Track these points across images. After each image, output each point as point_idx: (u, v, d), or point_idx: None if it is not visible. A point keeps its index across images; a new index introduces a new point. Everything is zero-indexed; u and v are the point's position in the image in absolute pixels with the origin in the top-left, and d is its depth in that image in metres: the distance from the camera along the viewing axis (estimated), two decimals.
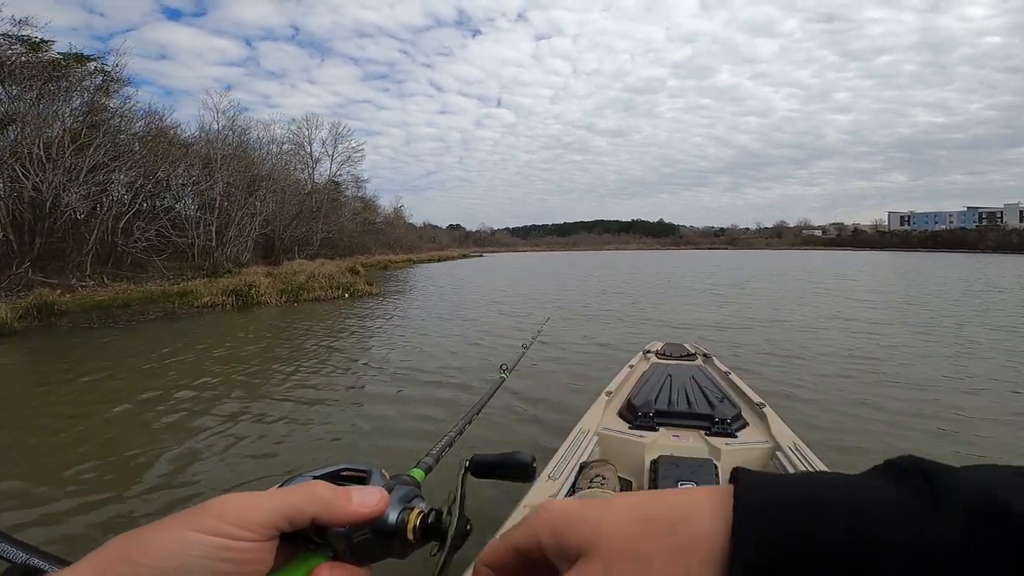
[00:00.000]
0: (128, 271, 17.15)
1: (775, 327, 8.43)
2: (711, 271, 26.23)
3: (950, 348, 6.67)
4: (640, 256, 62.89)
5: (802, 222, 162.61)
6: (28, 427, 4.16)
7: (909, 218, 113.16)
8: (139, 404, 4.73)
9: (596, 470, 1.82)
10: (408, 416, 4.31)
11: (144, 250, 17.69)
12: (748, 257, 52.55)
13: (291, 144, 34.42)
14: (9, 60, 13.22)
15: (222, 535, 0.27)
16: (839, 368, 5.70)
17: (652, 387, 2.72)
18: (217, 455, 3.60)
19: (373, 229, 46.53)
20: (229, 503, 0.28)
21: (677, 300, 12.60)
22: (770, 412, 2.45)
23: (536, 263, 41.05)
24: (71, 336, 8.30)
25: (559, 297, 13.54)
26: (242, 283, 11.79)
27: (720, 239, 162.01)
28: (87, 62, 15.46)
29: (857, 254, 62.38)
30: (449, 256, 58.67)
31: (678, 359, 3.54)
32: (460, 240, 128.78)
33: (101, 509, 2.88)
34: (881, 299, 12.46)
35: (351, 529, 0.31)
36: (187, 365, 6.18)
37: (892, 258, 46.94)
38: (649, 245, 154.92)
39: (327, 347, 7.11)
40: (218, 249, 22.61)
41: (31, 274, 12.64)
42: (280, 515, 0.29)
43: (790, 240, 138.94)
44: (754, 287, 16.03)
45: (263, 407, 4.59)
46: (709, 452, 2.07)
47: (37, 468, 3.40)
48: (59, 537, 2.60)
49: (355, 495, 0.32)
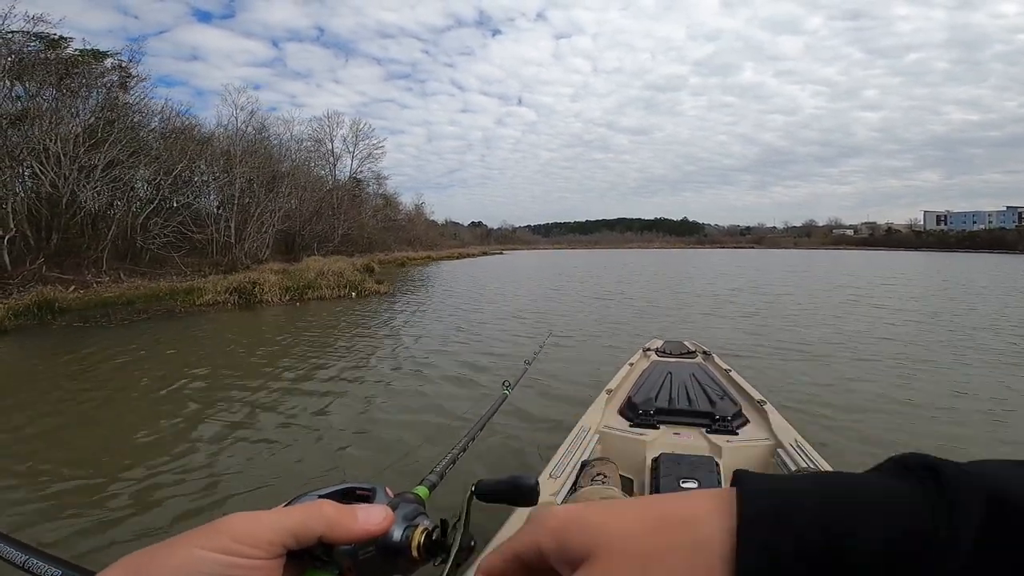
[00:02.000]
0: (146, 267, 17.20)
1: (813, 358, 6.25)
2: (734, 272, 25.24)
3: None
4: (663, 256, 61.59)
5: (832, 221, 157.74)
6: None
7: (946, 217, 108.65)
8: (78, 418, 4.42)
9: (597, 468, 1.80)
10: (400, 430, 3.86)
11: (163, 246, 17.73)
12: (775, 257, 50.83)
13: (312, 141, 34.42)
14: (27, 57, 13.27)
15: (230, 552, 0.28)
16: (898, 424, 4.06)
17: (652, 385, 2.70)
18: (184, 477, 3.20)
19: (394, 226, 46.55)
20: (237, 521, 0.29)
21: (698, 309, 11.90)
22: (771, 409, 2.42)
23: (552, 263, 40.30)
24: (59, 336, 8.01)
25: (566, 309, 12.94)
26: (246, 281, 11.46)
27: (746, 238, 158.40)
28: (104, 58, 15.50)
29: (893, 254, 59.90)
30: (469, 253, 58.27)
31: (678, 357, 3.52)
32: (482, 238, 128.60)
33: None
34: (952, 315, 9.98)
35: (357, 547, 0.32)
36: (149, 374, 5.75)
37: (932, 259, 44.56)
38: (673, 244, 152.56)
39: (319, 352, 6.70)
40: (237, 245, 22.68)
41: (44, 270, 12.63)
42: (287, 533, 0.30)
43: (820, 239, 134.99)
44: (783, 296, 15.15)
45: (233, 422, 4.19)
46: (710, 450, 2.04)
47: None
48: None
49: (360, 513, 0.33)
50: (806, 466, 1.88)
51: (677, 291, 15.29)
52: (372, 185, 43.63)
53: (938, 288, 16.17)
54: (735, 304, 11.85)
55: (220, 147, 22.26)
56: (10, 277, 11.74)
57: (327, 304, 11.32)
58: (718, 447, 2.04)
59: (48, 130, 13.31)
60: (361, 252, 32.81)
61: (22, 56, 13.14)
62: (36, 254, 13.18)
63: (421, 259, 38.83)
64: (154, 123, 18.62)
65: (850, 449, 3.49)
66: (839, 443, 3.56)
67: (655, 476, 1.81)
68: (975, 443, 3.67)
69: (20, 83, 13.44)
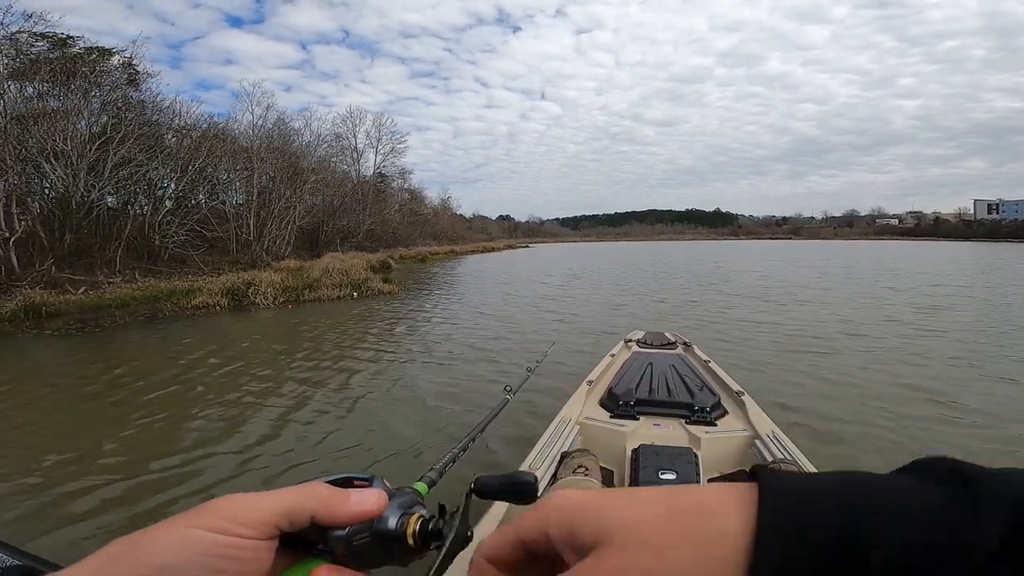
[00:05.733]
0: (164, 266, 17.16)
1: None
2: (768, 271, 23.71)
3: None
4: (695, 248, 59.47)
5: (875, 210, 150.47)
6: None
7: (998, 206, 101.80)
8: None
9: (578, 459, 1.82)
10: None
11: (181, 245, 17.63)
12: (816, 249, 48.23)
13: (334, 136, 34.31)
14: (32, 56, 13.17)
15: (221, 531, 0.27)
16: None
17: (633, 376, 2.72)
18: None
19: (419, 220, 46.33)
20: (228, 502, 0.29)
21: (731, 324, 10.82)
22: (749, 400, 2.46)
23: (583, 258, 39.18)
24: (21, 345, 7.49)
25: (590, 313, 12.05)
26: (240, 281, 10.88)
27: (783, 228, 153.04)
28: (110, 56, 15.34)
29: (943, 245, 56.14)
30: (494, 247, 57.37)
31: (659, 347, 3.53)
32: (509, 231, 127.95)
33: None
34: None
35: (351, 532, 0.32)
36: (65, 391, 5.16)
37: (994, 251, 39.92)
38: (705, 235, 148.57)
39: (292, 365, 6.06)
40: (256, 243, 22.60)
41: (54, 271, 12.54)
42: (279, 513, 0.29)
43: (862, 229, 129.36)
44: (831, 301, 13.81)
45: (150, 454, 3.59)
46: (689, 441, 2.08)
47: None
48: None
49: (354, 495, 0.32)
50: (782, 457, 1.86)
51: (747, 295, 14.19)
52: (397, 180, 43.44)
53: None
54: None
55: (237, 144, 22.06)
56: (18, 279, 11.65)
57: (322, 307, 10.57)
58: (697, 438, 2.07)
59: (58, 129, 13.19)
60: (385, 247, 32.67)
61: (29, 55, 13.06)
62: (51, 254, 13.13)
63: (444, 254, 38.24)
64: (172, 121, 18.48)
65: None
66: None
67: (635, 467, 1.82)
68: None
69: (28, 83, 13.37)
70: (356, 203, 34.08)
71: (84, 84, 14.11)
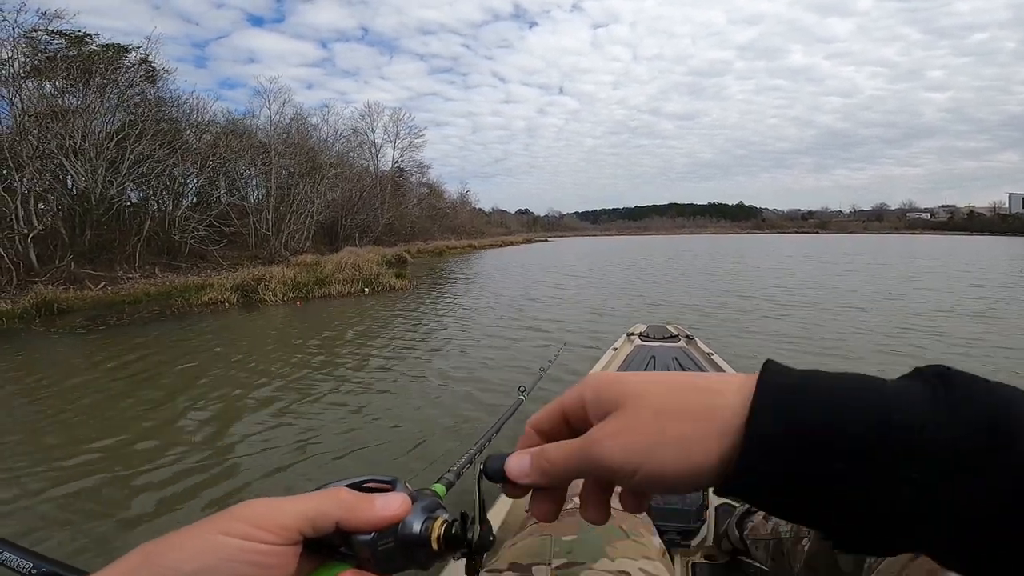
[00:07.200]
0: (184, 261, 17.27)
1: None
2: (790, 269, 22.83)
3: None
4: (718, 241, 58.24)
5: (906, 204, 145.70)
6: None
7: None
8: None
9: None
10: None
11: (200, 240, 17.72)
12: (845, 243, 46.70)
13: (352, 132, 34.31)
14: (50, 54, 13.26)
15: (246, 537, 0.27)
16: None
17: (635, 370, 2.68)
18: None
19: (437, 214, 46.24)
20: (254, 506, 0.29)
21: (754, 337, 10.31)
22: None
23: (607, 253, 38.60)
24: (21, 344, 7.32)
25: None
26: (251, 277, 10.72)
27: (809, 222, 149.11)
28: (127, 52, 15.37)
29: (978, 240, 53.97)
30: (512, 241, 56.96)
31: (661, 341, 3.52)
32: (528, 225, 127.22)
33: None
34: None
35: (376, 537, 0.32)
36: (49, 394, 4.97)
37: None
38: (728, 229, 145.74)
39: (294, 363, 5.87)
40: (275, 237, 22.68)
41: (73, 267, 12.63)
42: (304, 518, 0.29)
43: (892, 223, 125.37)
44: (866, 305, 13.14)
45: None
46: None
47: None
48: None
49: (378, 500, 0.32)
50: None
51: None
52: (415, 175, 43.36)
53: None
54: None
55: (255, 139, 22.11)
56: (37, 275, 11.74)
57: (332, 304, 10.33)
58: None
59: (77, 126, 13.26)
60: (403, 241, 32.64)
61: (46, 53, 13.13)
62: (71, 250, 13.24)
63: (462, 248, 37.99)
64: (190, 117, 18.53)
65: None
66: None
67: None
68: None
69: (47, 80, 13.46)
70: (374, 197, 34.06)
71: (102, 81, 14.15)
